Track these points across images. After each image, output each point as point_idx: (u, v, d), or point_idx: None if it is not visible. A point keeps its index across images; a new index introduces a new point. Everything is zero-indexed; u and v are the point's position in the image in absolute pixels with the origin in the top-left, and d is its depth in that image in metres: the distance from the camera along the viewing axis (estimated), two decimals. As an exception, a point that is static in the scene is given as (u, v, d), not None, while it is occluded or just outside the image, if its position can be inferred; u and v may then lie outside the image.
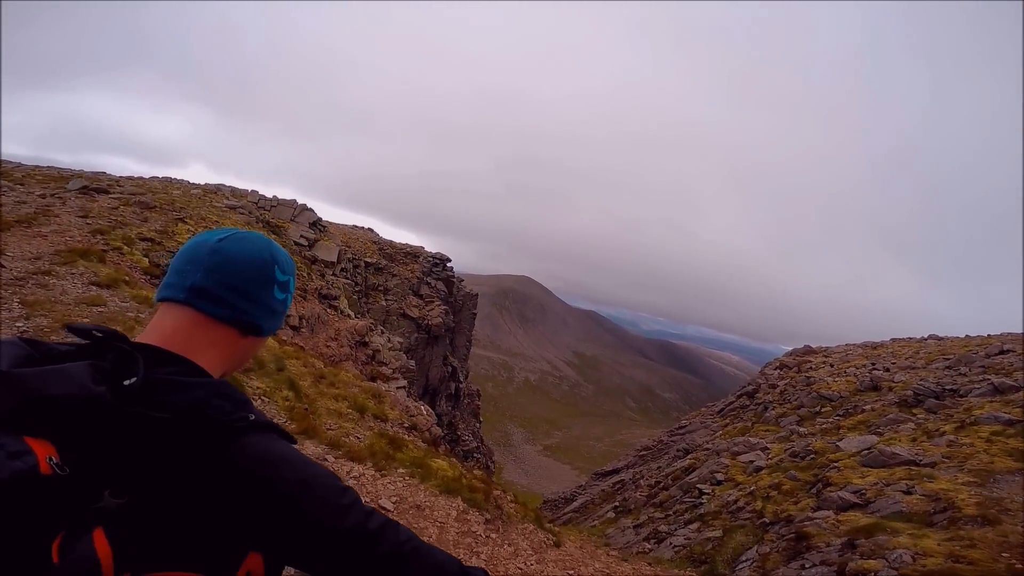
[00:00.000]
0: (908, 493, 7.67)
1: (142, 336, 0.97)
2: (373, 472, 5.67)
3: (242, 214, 22.63)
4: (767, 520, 9.05)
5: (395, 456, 6.18)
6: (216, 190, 26.76)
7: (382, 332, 26.03)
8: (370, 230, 47.09)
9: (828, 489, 8.65)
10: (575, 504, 24.04)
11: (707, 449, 20.01)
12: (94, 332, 0.90)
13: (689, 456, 19.91)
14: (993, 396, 11.80)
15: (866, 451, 9.76)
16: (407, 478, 5.75)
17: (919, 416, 12.01)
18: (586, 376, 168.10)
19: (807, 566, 6.53)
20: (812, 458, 11.04)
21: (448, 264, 46.20)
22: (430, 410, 10.97)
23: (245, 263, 1.04)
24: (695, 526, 10.01)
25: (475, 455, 40.74)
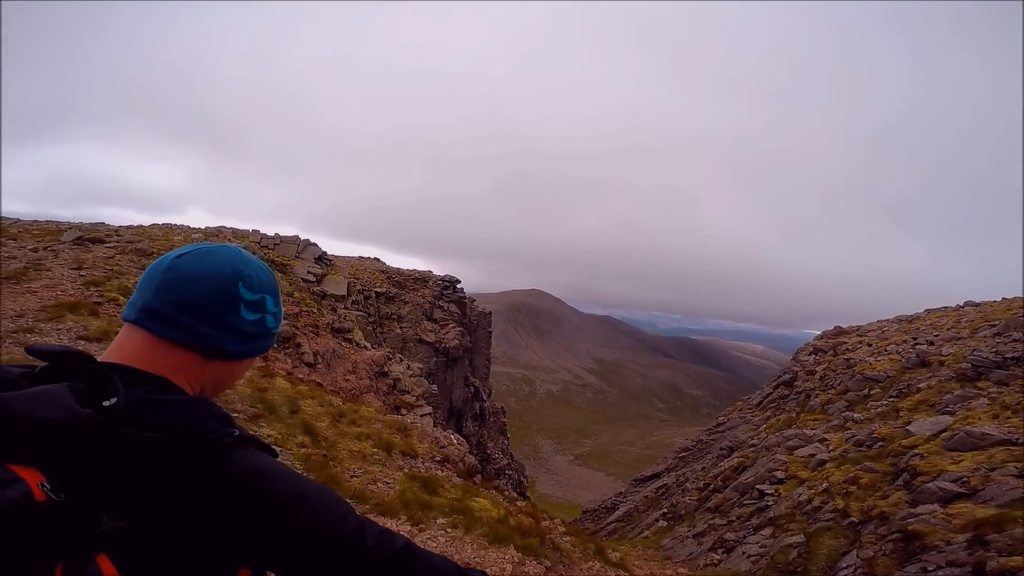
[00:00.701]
0: (1021, 477, 6.69)
1: (107, 355, 0.93)
2: (409, 527, 4.91)
3: (246, 256, 22.32)
4: (856, 520, 8.06)
5: (431, 503, 5.42)
6: (217, 233, 26.70)
7: (400, 360, 25.47)
8: (376, 259, 47.09)
9: (919, 479, 7.68)
10: (618, 513, 22.95)
11: (753, 446, 18.92)
12: (58, 353, 0.86)
13: (736, 454, 18.83)
14: (1069, 359, 10.74)
15: (945, 433, 8.76)
16: (448, 530, 4.97)
17: (989, 390, 10.94)
18: (609, 381, 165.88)
19: (930, 568, 5.61)
20: (881, 446, 10.04)
21: (459, 285, 45.99)
22: (460, 438, 10.22)
23: (201, 281, 0.95)
24: (768, 531, 9.03)
25: (506, 472, 39.89)
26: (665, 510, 16.47)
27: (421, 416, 18.26)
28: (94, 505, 0.74)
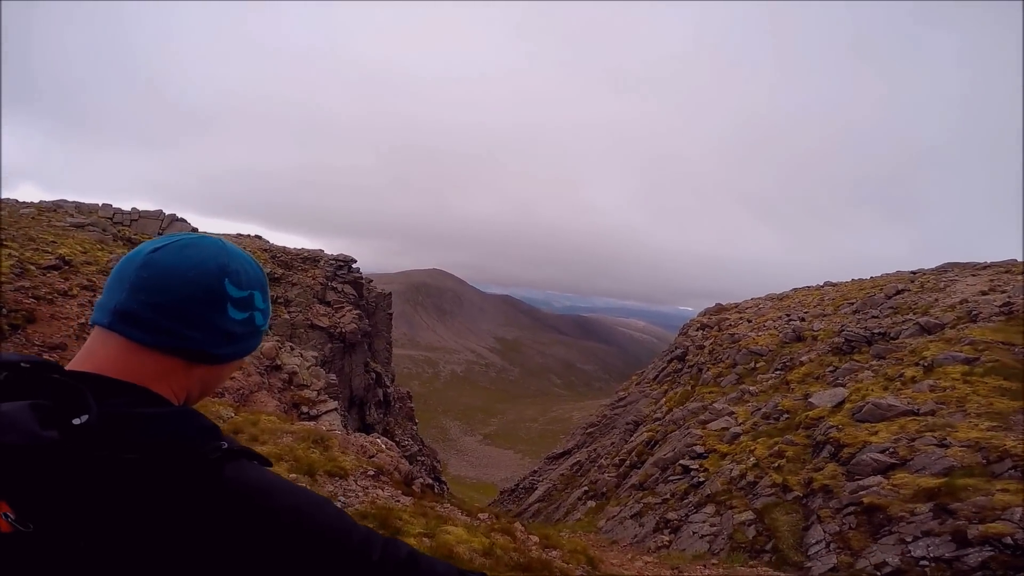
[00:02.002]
0: (944, 446, 7.36)
1: (75, 363, 0.82)
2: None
3: (92, 232, 18.67)
4: (799, 494, 8.36)
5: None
6: (56, 208, 22.12)
7: (292, 349, 23.07)
8: (258, 237, 42.56)
9: (844, 451, 8.24)
10: (537, 493, 23.19)
11: (658, 419, 19.96)
12: (21, 364, 0.76)
13: (643, 428, 19.73)
14: (924, 335, 12.40)
15: (846, 405, 9.60)
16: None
17: (871, 363, 12.32)
18: (511, 360, 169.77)
19: (907, 540, 5.87)
20: (788, 418, 10.82)
21: (354, 265, 43.22)
22: (388, 441, 9.13)
23: (182, 278, 0.84)
24: (710, 509, 9.24)
25: (419, 458, 38.91)
26: (586, 488, 16.79)
27: (326, 413, 16.58)
28: (69, 533, 0.68)
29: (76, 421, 0.70)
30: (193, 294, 0.84)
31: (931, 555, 5.81)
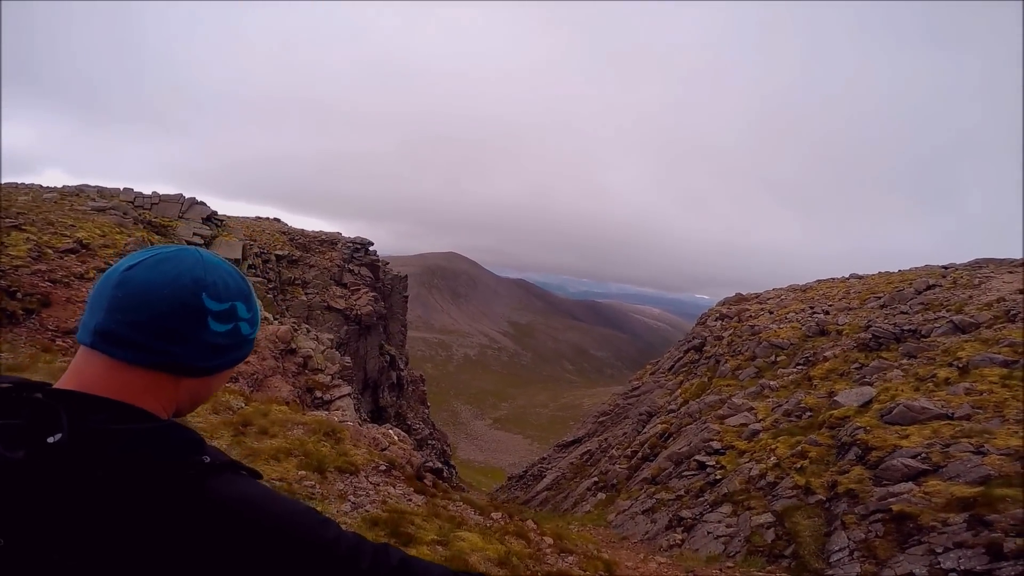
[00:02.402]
0: (981, 453, 6.98)
1: (62, 381, 0.84)
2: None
3: (113, 215, 18.84)
4: (822, 497, 8.03)
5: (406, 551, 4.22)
6: (78, 192, 22.46)
7: (308, 331, 23.22)
8: (277, 220, 43.02)
9: (872, 455, 7.87)
10: (546, 481, 23.19)
11: (672, 411, 19.67)
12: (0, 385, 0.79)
13: (657, 420, 19.48)
14: (958, 334, 11.83)
15: (874, 405, 9.19)
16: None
17: (900, 361, 11.81)
18: (523, 344, 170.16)
19: (937, 550, 5.58)
20: (810, 416, 10.44)
21: (371, 248, 43.49)
22: (400, 432, 9.01)
23: (157, 296, 0.83)
24: (726, 508, 8.98)
25: (429, 442, 39.42)
26: (596, 479, 16.65)
27: (340, 397, 16.63)
28: (41, 548, 0.68)
29: (50, 439, 0.70)
30: (170, 310, 0.83)
31: (962, 567, 5.50)
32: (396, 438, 7.72)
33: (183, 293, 0.84)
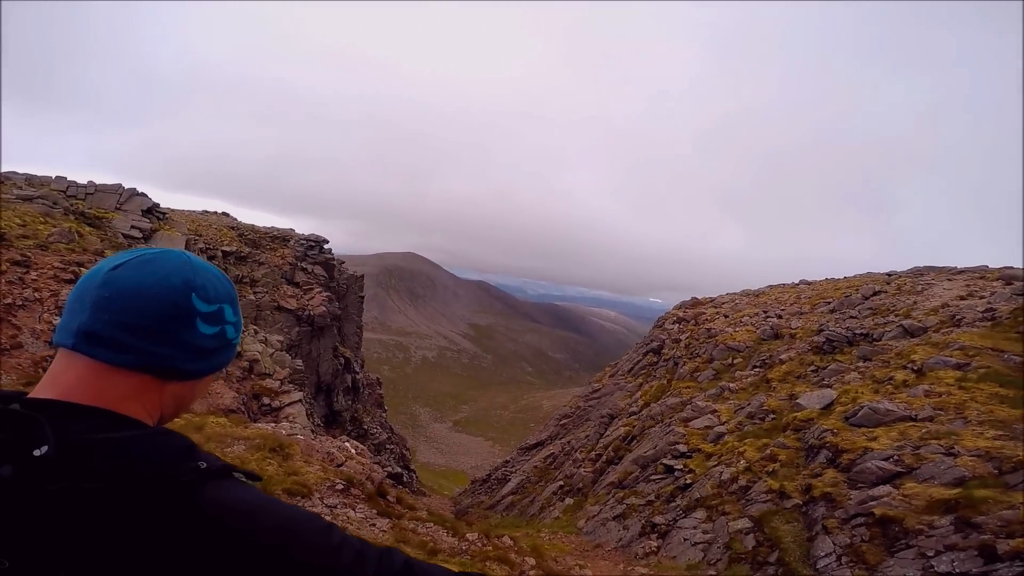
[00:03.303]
0: (952, 455, 7.08)
1: (39, 389, 0.80)
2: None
3: (41, 205, 17.12)
4: (798, 501, 7.95)
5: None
6: (3, 180, 20.39)
7: (256, 332, 21.90)
8: (225, 214, 40.79)
9: (844, 457, 7.90)
10: (511, 485, 22.79)
11: (634, 413, 19.74)
12: None
13: (619, 422, 19.48)
14: (908, 338, 12.30)
15: (837, 407, 9.33)
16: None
17: (857, 364, 12.16)
18: (483, 346, 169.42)
19: (928, 554, 5.51)
20: (774, 419, 10.54)
21: (325, 245, 41.93)
22: (357, 444, 8.35)
23: (146, 296, 0.82)
24: (700, 514, 8.82)
25: (387, 447, 38.22)
26: (561, 482, 16.41)
27: (290, 404, 15.64)
28: (47, 567, 0.66)
29: (37, 452, 0.68)
30: (160, 311, 0.82)
31: (957, 570, 5.52)
32: (353, 451, 7.10)
33: (173, 294, 0.83)
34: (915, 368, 10.31)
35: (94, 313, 0.79)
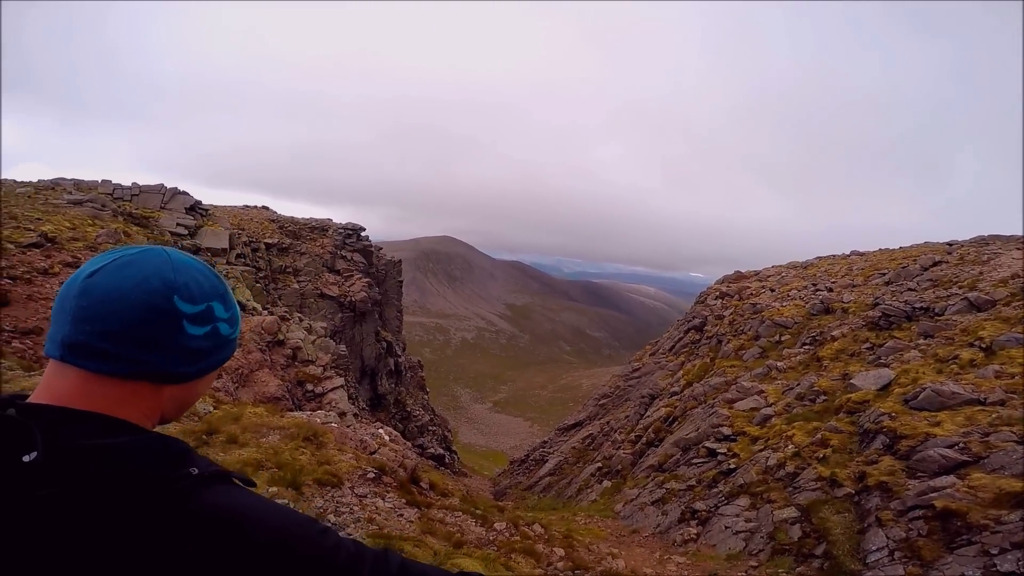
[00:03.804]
0: None
1: (36, 396, 0.79)
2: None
3: (90, 208, 18.04)
4: (850, 490, 7.46)
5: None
6: (54, 186, 21.67)
7: (300, 320, 22.60)
8: (265, 208, 42.16)
9: (903, 444, 7.33)
10: (548, 466, 22.90)
11: (675, 393, 19.26)
12: None
13: (660, 403, 19.07)
14: (973, 312, 11.25)
15: (895, 388, 8.65)
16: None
17: (917, 342, 11.27)
18: (520, 327, 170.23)
19: (992, 551, 5.09)
20: (825, 400, 9.92)
21: (363, 233, 42.78)
22: (391, 431, 8.43)
23: (125, 303, 0.78)
24: (743, 501, 8.46)
25: (430, 428, 39.22)
26: (600, 464, 16.26)
27: (332, 390, 16.07)
28: (36, 574, 0.66)
29: (26, 459, 0.67)
30: (141, 317, 0.79)
31: (1022, 570, 5.02)
32: (387, 438, 7.14)
33: (153, 298, 0.80)
34: (983, 346, 9.40)
35: (75, 324, 0.78)
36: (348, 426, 7.71)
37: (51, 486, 0.66)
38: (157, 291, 0.80)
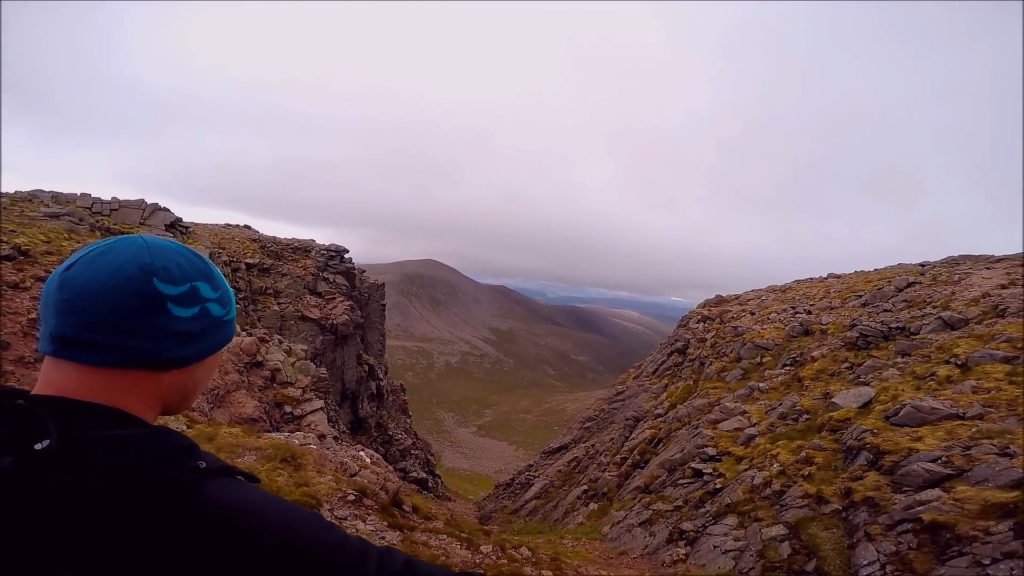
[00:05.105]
0: (1008, 455, 6.56)
1: (37, 388, 0.79)
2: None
3: (67, 221, 17.63)
4: (837, 506, 7.49)
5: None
6: (31, 198, 21.15)
7: (280, 342, 22.14)
8: (247, 227, 41.66)
9: (886, 459, 7.40)
10: (534, 489, 22.48)
11: (659, 415, 19.23)
12: None
13: (644, 425, 19.00)
14: (948, 331, 11.59)
15: (876, 406, 8.78)
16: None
17: (895, 360, 11.52)
18: (505, 351, 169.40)
19: (984, 562, 5.08)
20: (807, 419, 10.00)
21: (346, 255, 42.43)
22: (372, 453, 8.22)
23: (104, 291, 0.78)
24: (731, 520, 8.38)
25: (412, 452, 38.30)
26: (585, 487, 16.03)
27: (311, 412, 15.68)
28: (51, 564, 0.65)
29: (38, 446, 0.68)
30: (122, 304, 0.78)
31: None
32: (368, 460, 6.94)
33: (131, 283, 0.78)
34: (959, 363, 9.66)
35: (59, 318, 0.77)
36: (328, 448, 7.48)
37: (62, 475, 0.66)
38: (135, 276, 0.79)
